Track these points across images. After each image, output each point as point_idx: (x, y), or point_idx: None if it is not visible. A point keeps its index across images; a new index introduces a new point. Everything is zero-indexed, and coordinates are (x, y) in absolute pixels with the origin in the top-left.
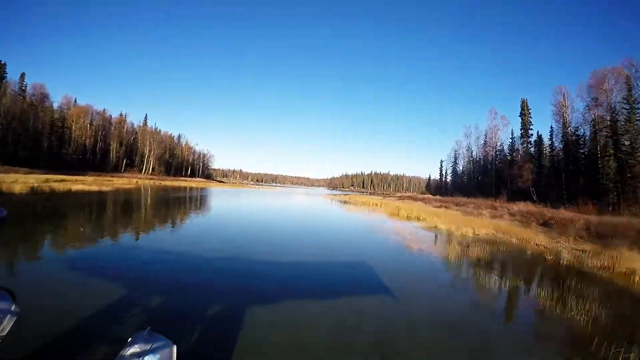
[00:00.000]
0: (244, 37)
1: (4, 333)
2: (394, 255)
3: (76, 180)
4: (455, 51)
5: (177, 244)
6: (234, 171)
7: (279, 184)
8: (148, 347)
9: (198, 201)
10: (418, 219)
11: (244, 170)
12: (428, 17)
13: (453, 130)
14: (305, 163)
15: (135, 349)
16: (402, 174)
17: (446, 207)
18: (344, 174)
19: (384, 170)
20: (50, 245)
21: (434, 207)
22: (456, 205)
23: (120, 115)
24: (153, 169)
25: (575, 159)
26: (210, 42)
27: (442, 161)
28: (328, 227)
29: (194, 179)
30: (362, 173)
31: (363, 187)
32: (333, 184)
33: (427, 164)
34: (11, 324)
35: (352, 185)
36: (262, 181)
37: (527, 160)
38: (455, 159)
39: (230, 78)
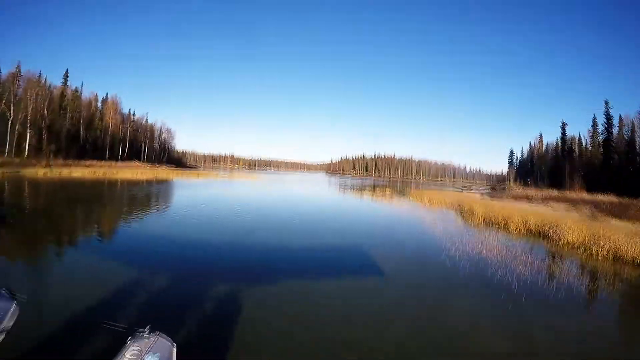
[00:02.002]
0: (233, 11)
1: (6, 332)
2: None
3: None
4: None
5: None
6: (225, 156)
7: (272, 169)
8: (148, 346)
9: None
10: None
11: (235, 155)
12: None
13: (462, 109)
14: (301, 147)
15: (135, 348)
16: (409, 157)
17: None
18: (344, 157)
19: (388, 153)
20: None
21: None
22: None
23: None
24: (39, 149)
25: None
26: (199, 20)
27: (541, 134)
28: None
29: (130, 163)
30: (364, 156)
31: (366, 172)
32: (332, 169)
33: (431, 145)
34: (12, 322)
35: (354, 169)
36: (255, 166)
37: None
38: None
39: (220, 57)
